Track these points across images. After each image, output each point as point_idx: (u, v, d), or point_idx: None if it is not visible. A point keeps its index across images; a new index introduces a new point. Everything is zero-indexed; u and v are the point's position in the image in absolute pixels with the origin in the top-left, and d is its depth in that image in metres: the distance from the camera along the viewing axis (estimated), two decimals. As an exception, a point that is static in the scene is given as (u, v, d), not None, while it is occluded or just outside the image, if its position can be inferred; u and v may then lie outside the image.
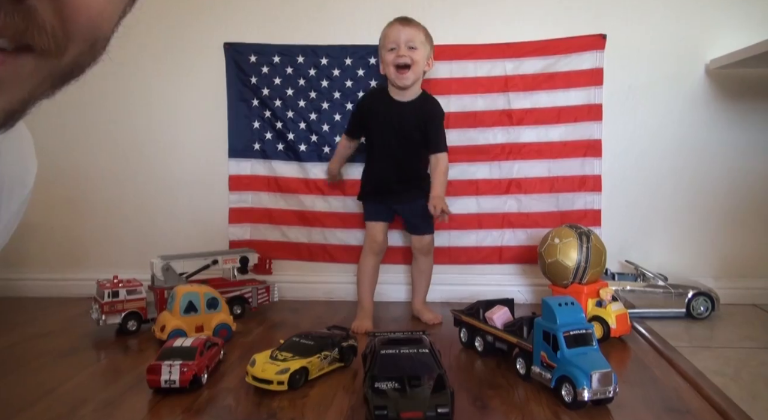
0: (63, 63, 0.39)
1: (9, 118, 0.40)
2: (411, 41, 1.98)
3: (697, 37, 2.28)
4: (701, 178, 2.33)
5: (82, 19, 0.37)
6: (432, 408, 1.20)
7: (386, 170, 2.11)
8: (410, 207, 2.13)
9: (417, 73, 2.02)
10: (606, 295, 1.89)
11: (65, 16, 0.36)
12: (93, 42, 0.40)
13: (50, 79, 0.40)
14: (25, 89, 0.38)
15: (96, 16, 0.38)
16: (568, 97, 2.31)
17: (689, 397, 1.43)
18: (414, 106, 2.07)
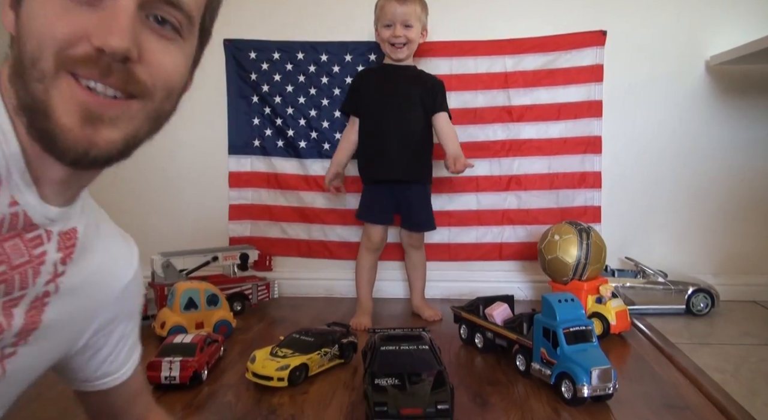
0: (154, 106, 0.60)
1: (127, 147, 0.59)
2: (407, 20, 2.00)
3: (698, 33, 2.28)
4: (701, 174, 2.32)
5: (161, 76, 0.59)
6: (432, 404, 1.20)
7: (391, 139, 2.04)
8: (416, 194, 2.09)
9: (411, 49, 2.06)
10: (606, 292, 1.89)
11: (151, 73, 0.58)
12: (170, 91, 0.61)
13: (148, 119, 0.60)
14: (134, 124, 0.59)
15: (170, 74, 0.60)
16: (568, 93, 2.30)
17: (689, 393, 1.43)
18: (412, 71, 2.12)
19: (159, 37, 0.58)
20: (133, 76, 0.56)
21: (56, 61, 0.53)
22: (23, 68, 0.54)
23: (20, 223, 0.59)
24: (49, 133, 0.54)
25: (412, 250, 2.18)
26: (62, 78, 0.53)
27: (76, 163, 0.56)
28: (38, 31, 0.53)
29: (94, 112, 0.55)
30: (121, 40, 0.53)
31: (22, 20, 0.55)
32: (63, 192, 0.63)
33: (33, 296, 0.62)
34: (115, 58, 0.53)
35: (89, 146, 0.55)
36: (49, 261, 0.63)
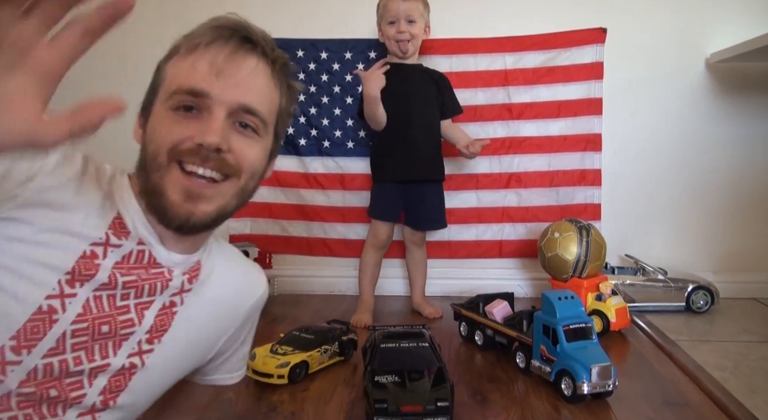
0: (241, 184, 0.80)
1: (219, 217, 0.80)
2: (410, 16, 2.01)
3: (698, 30, 2.28)
4: (701, 171, 2.33)
5: (245, 161, 0.79)
6: (432, 401, 1.20)
7: (406, 138, 2.04)
8: (429, 192, 2.10)
9: (416, 45, 2.07)
10: (606, 289, 1.89)
11: (237, 159, 0.78)
12: (253, 173, 0.82)
13: (235, 196, 0.81)
14: (225, 200, 0.79)
15: (251, 160, 0.81)
16: (568, 91, 2.30)
17: (688, 390, 1.44)
18: (420, 68, 2.13)
19: (242, 136, 0.79)
20: (224, 161, 0.77)
21: (168, 155, 0.74)
22: (146, 164, 0.76)
23: (146, 259, 0.80)
24: (162, 207, 0.75)
25: (414, 248, 2.19)
26: (172, 168, 0.75)
27: (179, 228, 0.77)
28: (158, 138, 0.76)
29: (194, 192, 0.76)
30: (214, 137, 0.74)
31: (147, 132, 0.78)
32: (178, 245, 0.82)
33: (161, 303, 0.82)
34: (210, 149, 0.74)
35: (189, 215, 0.76)
36: (176, 280, 0.83)
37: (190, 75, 0.77)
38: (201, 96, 0.75)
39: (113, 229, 0.76)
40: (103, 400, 0.77)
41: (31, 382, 0.71)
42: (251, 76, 0.79)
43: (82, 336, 0.74)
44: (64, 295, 0.71)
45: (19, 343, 0.69)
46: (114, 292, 0.76)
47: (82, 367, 0.74)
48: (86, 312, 0.73)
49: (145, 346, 0.80)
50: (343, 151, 2.39)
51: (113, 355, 0.77)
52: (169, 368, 0.86)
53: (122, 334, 0.78)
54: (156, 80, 0.82)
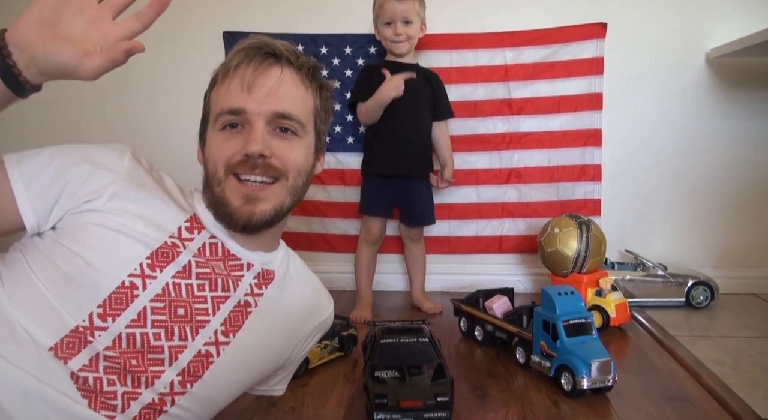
0: (289, 184, 0.91)
1: (276, 214, 0.91)
2: (407, 17, 2.02)
3: (698, 25, 2.27)
4: (701, 167, 2.32)
5: (289, 162, 0.90)
6: (432, 397, 1.20)
7: (396, 134, 2.05)
8: (416, 188, 2.11)
9: (412, 44, 2.09)
10: (605, 285, 1.89)
11: (283, 163, 0.90)
12: (299, 171, 0.93)
13: (288, 194, 0.92)
14: (279, 199, 0.91)
15: (294, 160, 0.91)
16: (568, 86, 2.30)
17: (688, 385, 1.44)
18: (418, 68, 2.12)
19: (283, 140, 0.90)
20: (270, 166, 0.88)
21: (225, 170, 0.88)
22: (209, 181, 0.90)
23: (220, 251, 0.91)
24: (227, 213, 0.88)
25: (412, 244, 2.19)
26: (230, 179, 0.88)
27: (245, 229, 0.89)
28: (214, 157, 0.89)
29: (250, 196, 0.88)
30: (256, 146, 0.85)
31: (205, 155, 0.92)
32: (249, 243, 0.94)
33: (236, 301, 0.90)
34: (255, 157, 0.86)
35: (251, 216, 0.88)
36: (246, 281, 0.92)
37: (227, 97, 0.89)
38: (239, 113, 0.87)
39: (190, 223, 0.88)
40: (182, 381, 0.84)
41: (116, 348, 0.79)
42: (278, 84, 0.89)
43: (161, 314, 0.82)
44: (145, 275, 0.81)
45: (105, 311, 0.79)
46: (190, 282, 0.85)
47: (161, 343, 0.82)
48: (164, 293, 0.82)
49: (222, 337, 0.88)
50: (342, 146, 2.39)
51: (191, 339, 0.85)
52: (243, 366, 0.93)
53: (198, 321, 0.85)
54: (205, 109, 0.95)
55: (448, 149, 2.17)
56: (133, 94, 2.43)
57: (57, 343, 0.76)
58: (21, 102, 0.75)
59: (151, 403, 0.81)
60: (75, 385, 0.76)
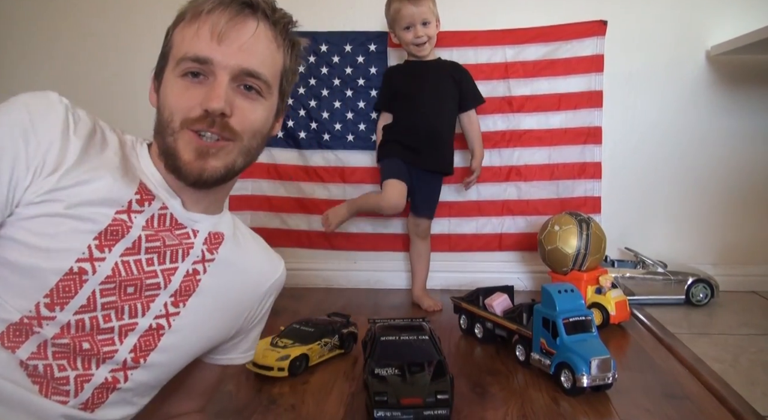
0: (244, 145, 0.86)
1: (227, 172, 0.86)
2: (425, 18, 2.04)
3: (698, 23, 2.27)
4: (701, 164, 2.32)
5: (247, 124, 0.85)
6: (432, 394, 1.20)
7: (420, 130, 2.11)
8: (431, 180, 2.14)
9: (433, 44, 2.12)
10: (605, 282, 1.89)
11: (241, 123, 0.84)
12: (254, 133, 0.87)
13: (241, 154, 0.87)
14: (231, 157, 0.86)
15: (253, 123, 0.86)
16: (568, 83, 2.30)
17: (688, 383, 1.44)
18: (440, 63, 2.16)
19: (246, 99, 0.85)
20: (227, 125, 0.83)
21: (181, 123, 0.82)
22: (161, 128, 0.84)
23: (168, 221, 0.86)
24: (177, 166, 0.83)
25: (418, 240, 2.19)
26: (184, 132, 0.82)
27: (194, 183, 0.84)
28: (170, 105, 0.83)
29: (203, 150, 0.83)
30: (218, 103, 0.80)
31: (160, 98, 0.85)
32: (198, 203, 0.90)
33: (185, 269, 0.88)
34: (215, 115, 0.81)
35: (201, 171, 0.83)
36: (197, 247, 0.89)
37: (194, 42, 0.82)
38: (205, 63, 0.81)
39: (139, 195, 0.83)
40: (134, 358, 0.83)
41: (65, 335, 0.77)
42: (252, 40, 0.84)
43: (111, 296, 0.80)
44: (93, 258, 0.78)
45: (52, 301, 0.76)
46: (139, 257, 0.82)
47: (111, 324, 0.81)
48: (114, 274, 0.79)
49: (171, 308, 0.86)
50: (343, 144, 2.39)
51: (141, 315, 0.83)
52: (197, 332, 0.91)
53: (147, 295, 0.83)
54: (165, 46, 0.88)
55: (477, 139, 2.19)
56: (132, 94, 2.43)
57: (2, 332, 0.75)
58: None
59: (104, 382, 0.80)
60: (25, 373, 0.75)
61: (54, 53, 2.47)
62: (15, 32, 2.49)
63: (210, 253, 0.91)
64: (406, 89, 2.14)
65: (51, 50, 2.48)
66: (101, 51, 2.43)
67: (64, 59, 2.45)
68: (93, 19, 2.45)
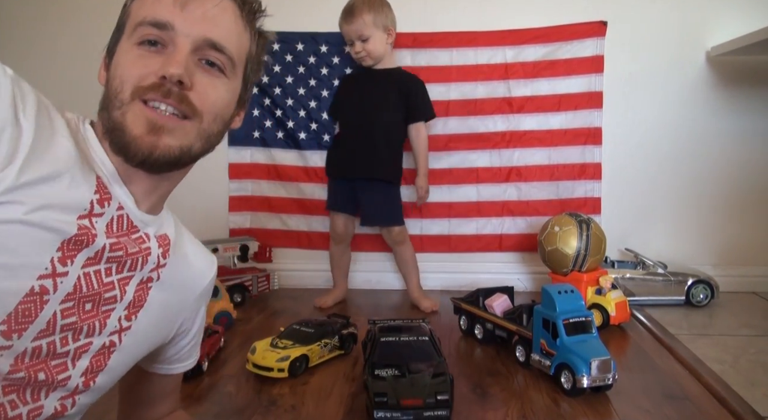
0: (203, 126, 0.77)
1: (182, 155, 0.76)
2: (361, 35, 2.05)
3: (698, 23, 2.27)
4: (701, 165, 2.32)
5: (208, 101, 0.76)
6: (432, 395, 1.20)
7: (356, 138, 2.13)
8: (370, 189, 2.12)
9: (377, 56, 2.10)
10: (605, 283, 1.89)
11: (200, 99, 0.75)
12: (216, 115, 0.78)
13: (199, 137, 0.77)
14: (188, 139, 0.75)
15: (215, 101, 0.77)
16: (568, 84, 2.30)
17: (688, 384, 1.44)
18: (392, 73, 2.15)
19: (208, 74, 0.76)
20: (186, 99, 0.73)
21: (131, 92, 0.72)
22: (108, 102, 0.74)
23: (125, 224, 0.77)
24: (125, 142, 0.72)
25: (396, 246, 2.19)
26: (135, 103, 0.72)
27: (143, 162, 0.73)
28: (121, 73, 0.73)
29: (156, 124, 0.72)
30: (177, 69, 0.71)
31: (111, 70, 0.76)
32: (148, 198, 0.80)
33: (140, 278, 0.79)
34: (172, 81, 0.72)
35: (153, 149, 0.73)
36: (154, 253, 0.81)
37: (153, 7, 0.74)
38: (165, 28, 0.73)
39: (98, 194, 0.72)
40: (85, 381, 0.75)
41: (19, 365, 0.67)
42: (218, 11, 0.77)
43: (70, 316, 0.71)
44: (56, 274, 0.68)
45: (9, 328, 0.65)
46: (98, 268, 0.73)
47: (67, 347, 0.72)
48: (75, 291, 0.70)
49: (124, 322, 0.78)
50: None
51: (98, 333, 0.75)
52: (139, 346, 0.83)
53: (104, 311, 0.75)
54: (121, 19, 0.79)
55: (422, 154, 2.16)
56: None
57: None
58: None
59: (53, 413, 0.72)
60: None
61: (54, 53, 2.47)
62: (16, 33, 2.49)
63: (163, 258, 0.83)
64: (348, 97, 2.19)
65: (52, 50, 2.48)
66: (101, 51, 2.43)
67: (65, 59, 2.45)
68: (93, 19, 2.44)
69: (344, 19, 2.06)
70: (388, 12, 2.09)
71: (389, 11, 2.10)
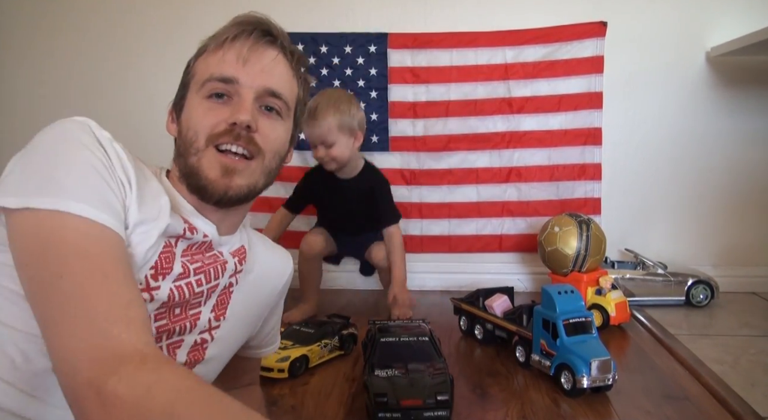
0: (265, 164, 0.90)
1: (249, 193, 0.89)
2: (325, 140, 1.88)
3: (698, 24, 2.27)
4: (701, 166, 2.32)
5: (269, 141, 0.89)
6: (432, 395, 1.20)
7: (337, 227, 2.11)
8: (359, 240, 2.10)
9: (341, 162, 1.94)
10: (605, 284, 1.89)
11: (263, 139, 0.88)
12: (275, 153, 0.92)
13: (263, 174, 0.90)
14: (254, 177, 0.89)
15: (275, 141, 0.91)
16: (568, 85, 2.30)
17: (688, 384, 1.44)
18: (356, 182, 2.01)
19: (267, 118, 0.89)
20: (252, 140, 0.86)
21: (206, 140, 0.85)
22: (184, 149, 0.87)
23: (205, 246, 0.90)
24: (201, 185, 0.86)
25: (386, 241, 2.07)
26: (209, 150, 0.85)
27: (218, 202, 0.87)
28: (195, 124, 0.86)
29: (229, 167, 0.85)
30: (245, 116, 0.84)
31: (182, 121, 0.89)
32: (221, 226, 0.92)
33: (223, 286, 0.93)
34: (242, 127, 0.84)
35: (227, 189, 0.86)
36: (231, 263, 0.93)
37: (219, 65, 0.87)
38: (231, 82, 0.86)
39: (187, 224, 0.85)
40: None
41: None
42: (273, 64, 0.90)
43: (163, 319, 0.83)
44: (150, 288, 0.79)
45: None
46: (190, 280, 0.85)
47: (161, 343, 0.84)
48: (170, 300, 0.82)
49: (213, 323, 0.92)
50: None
51: (188, 332, 0.88)
52: (234, 337, 0.99)
53: (192, 314, 0.88)
54: (186, 77, 0.92)
55: (397, 259, 1.98)
56: (132, 94, 2.43)
57: None
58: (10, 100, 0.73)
59: None
60: None
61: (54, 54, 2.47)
62: (17, 33, 2.49)
63: (240, 265, 0.96)
64: (325, 205, 2.11)
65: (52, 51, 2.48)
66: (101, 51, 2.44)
67: (65, 59, 2.45)
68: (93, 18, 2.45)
69: (306, 122, 1.87)
70: (356, 112, 1.92)
71: (357, 111, 1.92)
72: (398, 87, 2.35)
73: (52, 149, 0.72)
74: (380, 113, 2.36)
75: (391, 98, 2.36)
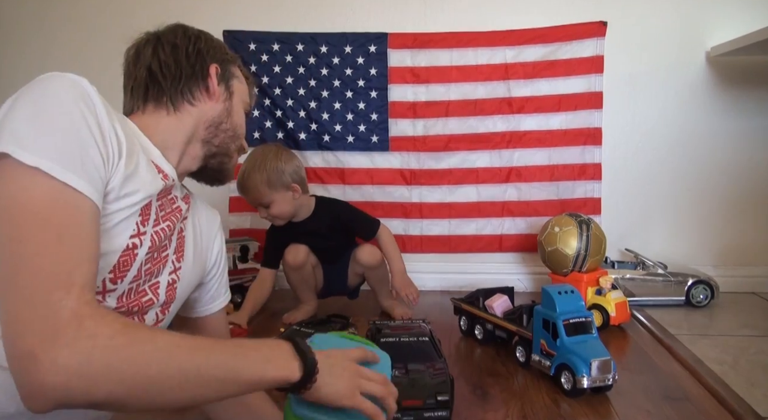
0: None
1: None
2: (260, 202, 1.89)
3: (698, 24, 2.27)
4: (701, 165, 2.32)
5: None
6: (432, 396, 1.20)
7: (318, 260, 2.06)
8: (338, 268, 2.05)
9: (286, 216, 1.94)
10: (605, 284, 1.89)
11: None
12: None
13: None
14: None
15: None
16: (568, 84, 2.30)
17: (688, 384, 1.44)
18: (316, 220, 2.01)
19: None
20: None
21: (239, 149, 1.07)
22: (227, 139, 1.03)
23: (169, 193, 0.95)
24: (223, 170, 1.07)
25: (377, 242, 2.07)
26: (235, 156, 1.08)
27: (220, 184, 1.10)
28: (241, 133, 1.06)
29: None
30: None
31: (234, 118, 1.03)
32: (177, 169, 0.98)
33: (178, 229, 0.98)
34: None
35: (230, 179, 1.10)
36: (183, 207, 0.99)
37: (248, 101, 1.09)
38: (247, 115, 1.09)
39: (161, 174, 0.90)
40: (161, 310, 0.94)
41: (122, 302, 0.85)
42: None
43: (148, 263, 0.88)
44: (140, 233, 0.84)
45: (115, 275, 0.82)
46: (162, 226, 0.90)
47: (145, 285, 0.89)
48: (153, 244, 0.87)
49: (176, 263, 0.97)
50: (343, 145, 2.39)
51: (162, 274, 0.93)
52: (189, 279, 1.02)
53: (163, 256, 0.93)
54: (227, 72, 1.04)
55: (391, 252, 1.99)
56: None
57: None
58: None
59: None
60: None
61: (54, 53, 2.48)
62: (16, 33, 2.49)
63: (187, 210, 1.01)
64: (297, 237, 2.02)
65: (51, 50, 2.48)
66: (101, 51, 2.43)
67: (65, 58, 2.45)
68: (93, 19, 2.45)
69: (240, 191, 1.90)
70: (285, 166, 1.87)
71: (286, 164, 1.88)
72: (398, 87, 2.36)
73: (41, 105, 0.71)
74: (380, 113, 2.36)
75: (391, 98, 2.36)
